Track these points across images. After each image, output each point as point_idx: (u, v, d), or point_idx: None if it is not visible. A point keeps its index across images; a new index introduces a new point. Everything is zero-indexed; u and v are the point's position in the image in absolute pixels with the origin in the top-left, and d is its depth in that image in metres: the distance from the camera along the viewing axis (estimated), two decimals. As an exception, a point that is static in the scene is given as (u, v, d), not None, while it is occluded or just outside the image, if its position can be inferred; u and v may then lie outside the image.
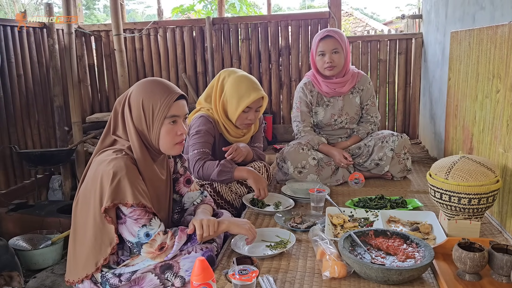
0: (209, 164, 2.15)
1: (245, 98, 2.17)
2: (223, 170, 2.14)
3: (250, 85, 2.20)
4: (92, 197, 1.44)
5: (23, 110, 3.48)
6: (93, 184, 1.44)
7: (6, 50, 3.25)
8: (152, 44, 4.11)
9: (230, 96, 2.21)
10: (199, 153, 2.18)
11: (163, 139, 1.52)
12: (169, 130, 1.51)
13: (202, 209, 1.71)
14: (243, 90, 2.18)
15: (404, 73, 3.90)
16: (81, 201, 1.51)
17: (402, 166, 2.53)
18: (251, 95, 2.17)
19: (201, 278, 1.17)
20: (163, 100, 1.49)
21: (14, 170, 3.41)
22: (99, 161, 1.47)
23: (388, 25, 11.78)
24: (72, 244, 1.54)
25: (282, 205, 2.17)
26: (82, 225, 1.50)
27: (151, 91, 1.51)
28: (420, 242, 1.50)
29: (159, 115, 1.49)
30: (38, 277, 2.46)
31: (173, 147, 1.55)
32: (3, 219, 2.90)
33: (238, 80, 2.21)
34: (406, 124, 3.99)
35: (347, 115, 2.64)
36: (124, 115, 1.53)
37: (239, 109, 2.18)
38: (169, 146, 1.54)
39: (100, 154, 1.51)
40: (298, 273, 1.48)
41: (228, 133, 2.30)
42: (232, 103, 2.20)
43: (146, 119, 1.50)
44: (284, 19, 3.94)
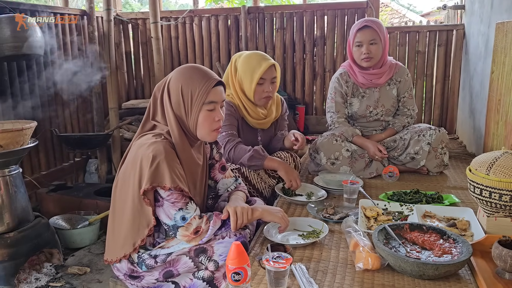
0: (241, 148, 2.18)
1: (257, 70, 2.19)
2: (254, 156, 2.15)
3: (260, 57, 2.23)
4: (131, 179, 1.48)
5: (64, 95, 3.60)
6: (133, 167, 1.48)
7: (49, 36, 3.35)
8: (188, 33, 4.15)
9: (243, 72, 2.24)
10: (228, 135, 2.20)
11: (200, 125, 1.54)
12: (206, 116, 1.53)
13: (236, 196, 1.73)
14: (253, 63, 2.21)
15: (443, 66, 3.79)
16: (120, 183, 1.56)
17: (438, 161, 2.47)
18: (262, 65, 2.19)
19: (237, 262, 1.19)
20: (202, 86, 1.51)
21: (54, 152, 3.54)
22: (139, 144, 1.51)
23: (425, 17, 11.42)
24: (111, 224, 1.60)
25: (314, 195, 2.17)
26: (121, 206, 1.54)
27: (190, 77, 1.53)
28: (457, 238, 1.47)
29: (197, 101, 1.51)
30: (76, 256, 2.56)
31: (210, 133, 1.57)
32: (43, 199, 3.03)
33: (247, 57, 2.25)
34: (443, 119, 3.89)
35: (383, 107, 2.60)
36: (163, 101, 1.56)
37: (254, 82, 2.20)
38: (207, 132, 1.56)
39: (140, 138, 1.55)
40: (331, 263, 1.48)
41: (249, 115, 2.30)
42: (247, 78, 2.22)
43: (185, 105, 1.52)
44: (320, 9, 3.89)
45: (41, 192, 3.05)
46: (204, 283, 1.47)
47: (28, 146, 2.21)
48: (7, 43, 2.65)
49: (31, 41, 2.73)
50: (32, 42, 2.75)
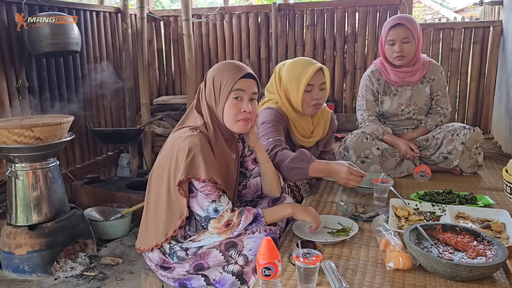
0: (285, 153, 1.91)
1: (303, 75, 2.02)
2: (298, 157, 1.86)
3: (305, 61, 2.07)
4: (167, 170, 1.53)
5: (98, 90, 3.71)
6: (169, 158, 1.52)
7: (85, 33, 3.46)
8: (218, 30, 4.19)
9: (288, 80, 2.08)
10: (275, 141, 1.97)
11: (226, 113, 1.58)
12: (232, 105, 1.57)
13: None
14: (299, 68, 2.05)
15: (479, 64, 3.68)
16: (156, 174, 1.60)
17: (472, 161, 2.41)
18: (309, 69, 2.02)
19: (267, 257, 1.21)
20: (230, 75, 1.56)
21: (88, 146, 3.66)
22: (175, 137, 1.56)
23: (459, 13, 11.10)
24: (145, 214, 1.65)
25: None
26: (156, 196, 1.59)
27: (222, 68, 1.60)
28: (492, 240, 1.43)
29: (225, 89, 1.56)
30: (109, 247, 2.65)
31: (236, 123, 1.59)
32: (78, 191, 3.14)
33: (292, 63, 2.10)
34: (477, 118, 3.78)
35: (415, 105, 2.55)
36: (201, 92, 1.64)
37: (301, 89, 2.03)
38: (232, 121, 1.59)
39: (177, 131, 1.60)
40: (361, 262, 1.48)
41: (295, 128, 2.15)
42: (292, 86, 2.07)
43: (215, 93, 1.58)
44: (351, 5, 3.85)
45: (75, 185, 3.16)
46: (234, 277, 1.50)
47: (65, 139, 2.29)
48: (46, 40, 2.76)
49: (68, 38, 2.83)
50: (70, 39, 2.85)
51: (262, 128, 2.06)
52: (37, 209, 2.27)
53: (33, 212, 2.26)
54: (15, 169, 2.23)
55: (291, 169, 1.85)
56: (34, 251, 2.22)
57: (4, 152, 2.18)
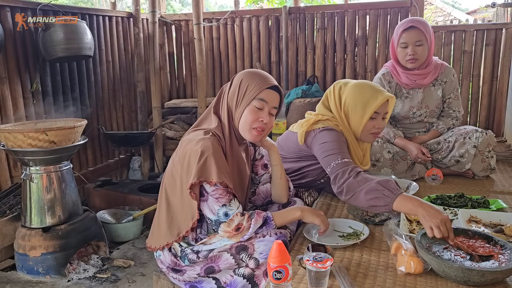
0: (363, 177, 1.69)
1: (372, 102, 1.86)
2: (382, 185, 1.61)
3: (375, 88, 1.92)
4: (179, 173, 1.55)
5: (110, 94, 3.76)
6: (181, 161, 1.55)
7: (98, 38, 3.51)
8: (229, 33, 4.21)
9: (353, 104, 1.91)
10: (344, 164, 1.75)
11: (244, 118, 1.59)
12: (252, 111, 1.59)
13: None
14: (368, 94, 1.89)
15: (491, 66, 3.65)
16: (169, 175, 1.63)
17: (485, 165, 2.39)
18: (378, 97, 1.87)
19: (278, 261, 1.21)
20: (258, 83, 1.59)
21: (101, 149, 3.70)
22: (188, 140, 1.58)
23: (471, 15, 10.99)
24: (158, 213, 1.67)
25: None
26: (169, 197, 1.62)
27: (253, 74, 1.62)
28: (505, 244, 1.42)
29: (249, 94, 1.58)
30: (121, 249, 2.67)
31: (250, 130, 1.60)
32: (90, 193, 3.17)
33: (359, 86, 1.93)
34: (490, 121, 3.74)
35: (427, 108, 2.54)
36: (224, 91, 1.66)
37: (366, 116, 1.88)
38: (247, 128, 1.60)
39: (190, 133, 1.62)
40: (372, 266, 1.47)
41: (353, 154, 2.00)
42: (356, 111, 1.90)
43: (238, 96, 1.60)
44: (362, 8, 3.84)
45: (88, 187, 3.20)
46: (245, 280, 1.50)
47: (79, 143, 2.33)
48: (60, 45, 2.81)
49: (82, 43, 2.88)
50: (83, 44, 2.89)
51: (323, 148, 1.86)
52: (51, 212, 2.30)
53: (47, 214, 2.30)
54: (30, 172, 2.27)
55: (374, 191, 1.61)
56: (48, 253, 2.25)
57: (19, 156, 2.22)
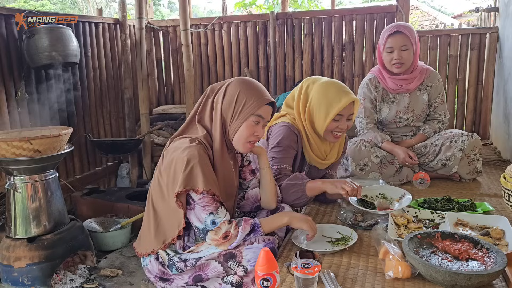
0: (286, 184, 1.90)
1: (335, 104, 1.89)
2: (297, 176, 1.91)
3: (340, 89, 1.93)
4: (165, 181, 1.54)
5: (97, 101, 3.72)
6: (167, 169, 1.53)
7: (84, 44, 3.48)
8: (217, 39, 4.21)
9: (317, 104, 1.94)
10: (279, 169, 1.94)
11: (240, 133, 1.59)
12: (250, 126, 1.59)
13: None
14: (332, 95, 1.91)
15: (476, 70, 3.69)
16: (155, 184, 1.61)
17: (471, 168, 2.41)
18: (342, 99, 1.89)
19: (266, 268, 1.21)
20: (257, 99, 1.58)
21: (88, 157, 3.66)
22: (174, 148, 1.56)
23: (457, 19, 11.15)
24: (145, 221, 1.66)
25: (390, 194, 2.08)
26: (156, 205, 1.60)
27: (250, 88, 1.60)
28: (491, 247, 1.43)
29: (248, 109, 1.57)
30: (109, 258, 2.64)
31: (245, 144, 1.62)
32: (78, 202, 3.13)
33: (325, 86, 1.95)
34: (476, 124, 3.79)
35: (414, 112, 2.56)
36: (215, 100, 1.61)
37: (329, 117, 1.91)
38: (242, 142, 1.61)
39: (176, 141, 1.60)
40: (360, 271, 1.47)
41: (311, 149, 2.05)
42: (320, 111, 1.94)
43: (235, 108, 1.58)
44: (349, 13, 3.87)
45: (75, 196, 3.16)
46: (233, 288, 1.50)
47: (64, 151, 2.30)
48: (45, 52, 2.78)
49: (67, 50, 2.85)
50: (68, 51, 2.87)
51: (271, 149, 2.00)
52: (36, 221, 2.27)
53: (32, 224, 2.26)
54: (14, 181, 2.23)
55: (289, 187, 1.88)
56: (33, 264, 2.21)
57: (3, 165, 2.18)
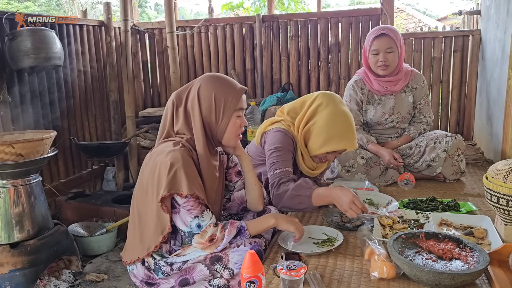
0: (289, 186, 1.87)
1: (333, 143, 1.90)
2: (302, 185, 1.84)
3: (344, 130, 1.92)
4: (149, 186, 1.52)
5: (82, 104, 3.68)
6: (151, 174, 1.52)
7: (68, 47, 3.44)
8: (203, 41, 4.20)
9: (318, 131, 1.93)
10: (282, 173, 1.89)
11: (229, 130, 1.62)
12: (235, 122, 1.62)
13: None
14: (336, 132, 1.90)
15: (460, 72, 3.75)
16: (139, 188, 1.60)
17: (455, 168, 2.44)
18: (341, 143, 1.91)
19: (251, 271, 1.20)
20: (234, 94, 1.60)
21: (73, 160, 3.61)
22: (157, 152, 1.55)
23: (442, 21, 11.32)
24: (130, 226, 1.65)
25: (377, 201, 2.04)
26: (139, 211, 1.59)
27: (223, 86, 1.60)
28: (474, 247, 1.45)
29: (230, 108, 1.59)
30: (94, 262, 2.60)
31: (235, 138, 1.66)
32: (62, 206, 3.09)
33: (334, 117, 1.92)
34: (460, 125, 3.84)
35: (399, 114, 2.59)
36: (189, 108, 1.60)
37: (323, 150, 1.93)
38: (232, 137, 1.65)
39: (160, 145, 1.59)
40: (346, 272, 1.48)
41: (302, 159, 2.05)
42: (318, 140, 1.94)
43: (217, 111, 1.59)
44: (334, 16, 3.90)
45: (60, 200, 3.11)
46: (220, 291, 1.49)
47: (48, 155, 2.26)
48: (28, 55, 2.73)
49: (50, 52, 2.81)
50: (52, 53, 2.82)
51: (270, 154, 1.96)
52: (19, 226, 2.22)
53: (15, 229, 2.22)
54: (-3, 186, 2.19)
55: (294, 197, 1.82)
56: (16, 270, 2.17)
57: (-15, 169, 2.14)
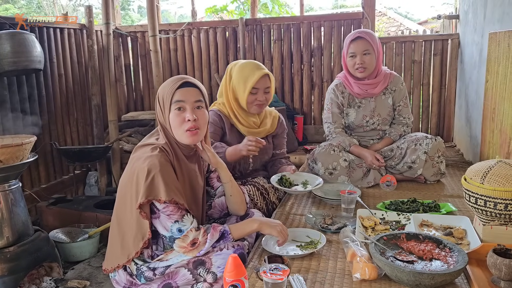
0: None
1: (250, 78, 2.22)
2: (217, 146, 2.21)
3: (254, 66, 2.26)
4: (128, 192, 1.52)
5: (63, 108, 3.63)
6: (129, 180, 1.51)
7: (49, 50, 3.40)
8: (186, 45, 4.19)
9: (237, 81, 2.26)
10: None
11: (173, 126, 1.58)
12: (175, 116, 1.56)
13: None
14: (247, 72, 2.24)
15: (439, 75, 3.82)
16: (119, 195, 1.59)
17: (435, 170, 2.49)
18: (255, 74, 2.22)
19: (234, 274, 1.21)
20: (169, 88, 1.58)
21: (54, 165, 3.56)
22: (136, 157, 1.55)
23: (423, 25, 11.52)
24: (111, 234, 1.63)
25: (311, 183, 2.20)
26: (119, 218, 1.58)
27: (164, 83, 1.63)
28: (453, 247, 1.48)
29: (166, 102, 1.57)
30: (76, 269, 2.57)
31: (184, 133, 1.57)
32: (43, 212, 3.04)
33: (242, 65, 2.28)
34: (440, 127, 3.91)
35: (379, 116, 2.62)
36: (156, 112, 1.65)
37: (247, 91, 2.22)
38: (181, 133, 1.57)
39: (138, 150, 1.58)
40: (328, 274, 1.49)
41: (240, 123, 2.32)
42: (240, 87, 2.25)
43: (161, 109, 1.60)
44: (317, 20, 3.93)
45: (41, 206, 3.06)
46: (203, 295, 1.48)
47: (27, 160, 2.22)
48: (7, 59, 2.69)
49: (30, 56, 2.77)
50: (32, 57, 2.79)
51: None
52: (-2, 233, 2.18)
53: (-6, 236, 2.17)
54: (-25, 192, 2.14)
55: None
56: (-5, 278, 2.12)
57: (-38, 175, 2.10)
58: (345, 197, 2.02)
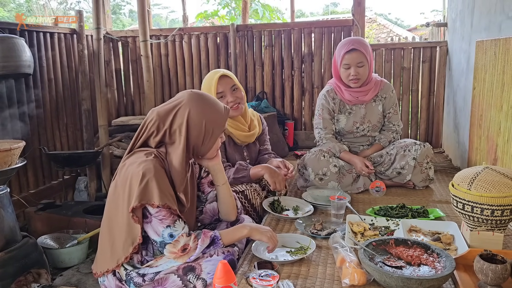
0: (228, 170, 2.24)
1: (211, 86, 2.23)
2: (239, 168, 2.24)
3: (211, 73, 2.28)
4: (121, 196, 1.51)
5: (53, 113, 3.61)
6: (123, 184, 1.51)
7: (39, 55, 3.38)
8: (177, 50, 4.20)
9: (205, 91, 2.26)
10: None
11: (213, 149, 1.68)
12: (218, 142, 1.69)
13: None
14: (208, 82, 2.26)
15: (428, 82, 3.87)
16: (111, 199, 1.58)
17: (424, 176, 2.51)
18: (213, 78, 2.23)
19: (223, 281, 1.21)
20: (221, 121, 1.63)
21: (43, 170, 3.53)
22: (130, 162, 1.54)
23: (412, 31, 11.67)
24: (102, 237, 1.62)
25: (301, 209, 2.20)
26: (110, 222, 1.57)
27: (212, 114, 1.61)
28: (441, 252, 1.50)
29: (216, 133, 1.63)
30: (65, 275, 2.54)
31: (216, 152, 1.72)
32: (32, 218, 3.00)
33: (204, 81, 2.30)
34: (429, 133, 3.96)
35: (369, 122, 2.65)
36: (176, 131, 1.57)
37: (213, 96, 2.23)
38: (214, 153, 1.70)
39: (132, 155, 1.58)
40: (318, 280, 1.50)
41: (232, 128, 2.33)
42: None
43: (205, 137, 1.61)
44: (307, 26, 3.97)
45: (29, 211, 3.03)
46: (193, 302, 1.48)
47: (16, 166, 2.20)
48: (-4, 63, 2.67)
49: (19, 60, 2.76)
50: (21, 62, 2.77)
51: None
52: (-15, 240, 2.15)
53: (-19, 242, 2.15)
54: (-39, 198, 2.12)
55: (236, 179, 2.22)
56: (-18, 284, 2.10)
57: (-51, 181, 2.07)
58: (335, 203, 2.03)
